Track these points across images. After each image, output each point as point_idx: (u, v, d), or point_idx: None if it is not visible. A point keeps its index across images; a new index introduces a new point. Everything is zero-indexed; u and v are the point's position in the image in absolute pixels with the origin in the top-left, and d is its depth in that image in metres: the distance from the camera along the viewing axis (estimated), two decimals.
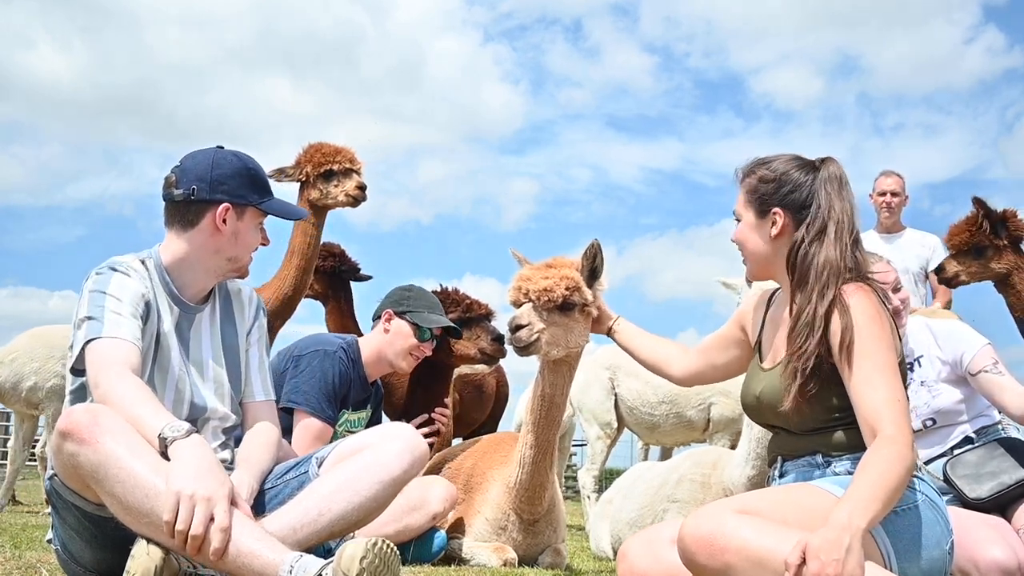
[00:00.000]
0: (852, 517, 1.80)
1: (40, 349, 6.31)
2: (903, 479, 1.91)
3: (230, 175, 2.43)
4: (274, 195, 2.56)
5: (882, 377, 2.04)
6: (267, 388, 2.60)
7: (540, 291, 2.91)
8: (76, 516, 2.21)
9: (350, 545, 1.87)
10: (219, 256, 2.45)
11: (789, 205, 2.26)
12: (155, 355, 2.37)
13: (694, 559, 1.89)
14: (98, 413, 2.02)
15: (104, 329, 2.19)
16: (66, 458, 2.03)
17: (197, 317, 2.49)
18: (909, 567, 1.99)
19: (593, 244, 3.01)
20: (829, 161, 2.31)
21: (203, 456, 1.97)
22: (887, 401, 2.01)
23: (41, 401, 6.31)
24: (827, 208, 2.22)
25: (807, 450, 2.22)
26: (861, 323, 2.09)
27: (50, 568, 2.56)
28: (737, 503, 1.98)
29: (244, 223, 2.46)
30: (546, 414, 3.12)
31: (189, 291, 2.47)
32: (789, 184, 2.27)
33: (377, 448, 2.31)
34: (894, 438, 1.95)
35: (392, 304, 3.66)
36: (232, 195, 2.42)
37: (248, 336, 2.60)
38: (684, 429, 6.40)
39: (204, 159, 2.45)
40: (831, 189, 2.24)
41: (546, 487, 3.32)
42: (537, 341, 2.91)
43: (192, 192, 2.41)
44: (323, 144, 4.41)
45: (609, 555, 4.15)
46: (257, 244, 2.53)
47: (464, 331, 3.85)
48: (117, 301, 2.25)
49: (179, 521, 1.88)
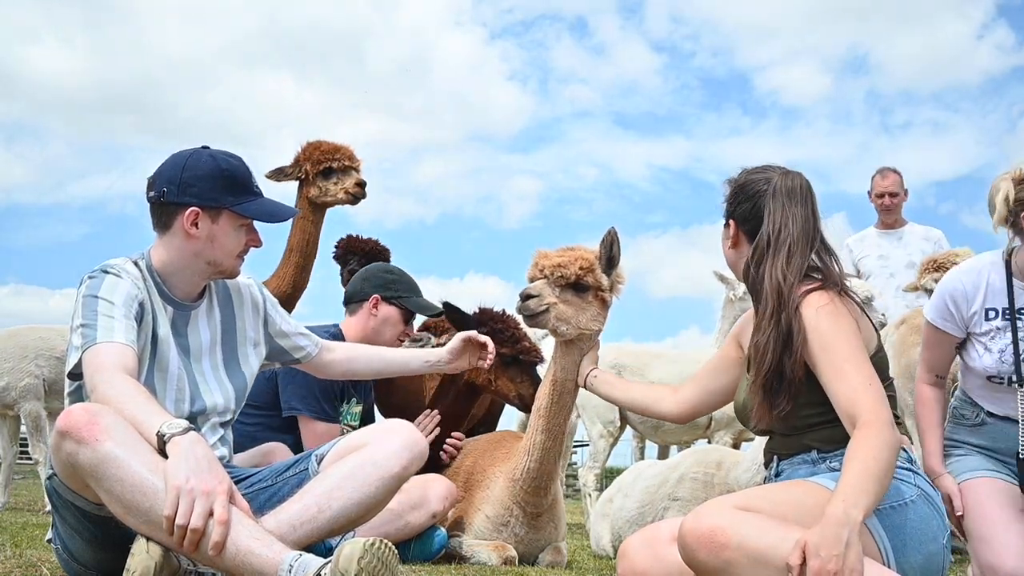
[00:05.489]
0: (847, 510, 1.80)
1: (12, 349, 6.35)
2: (890, 462, 1.92)
3: (201, 177, 2.39)
4: (260, 196, 2.50)
5: (849, 365, 2.06)
6: (316, 339, 2.85)
7: (554, 266, 2.97)
8: (76, 515, 2.21)
9: (348, 545, 1.87)
10: (199, 259, 2.43)
11: (738, 216, 2.33)
12: (153, 356, 2.37)
13: (694, 556, 1.89)
14: (96, 412, 2.02)
15: (98, 335, 2.19)
16: (65, 457, 2.03)
17: (192, 314, 2.49)
18: (907, 562, 2.00)
19: (610, 232, 3.04)
20: (787, 175, 2.30)
21: (201, 452, 1.97)
22: (858, 388, 2.02)
23: (15, 401, 6.35)
24: (770, 224, 2.23)
25: (800, 448, 2.23)
26: (816, 322, 2.11)
27: (51, 567, 2.56)
28: (737, 500, 1.98)
29: (220, 226, 2.41)
30: (558, 399, 3.13)
31: (179, 291, 2.46)
32: (742, 195, 2.32)
33: (376, 445, 2.32)
34: (871, 423, 1.96)
35: (379, 289, 3.63)
36: (202, 198, 2.38)
37: (264, 316, 2.68)
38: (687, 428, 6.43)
39: (177, 161, 2.42)
40: (776, 204, 2.25)
41: (553, 477, 3.32)
42: (546, 313, 2.93)
43: (162, 195, 2.39)
44: (322, 142, 4.41)
45: (609, 553, 4.15)
46: (240, 247, 2.47)
47: (511, 368, 3.68)
48: (109, 304, 2.25)
49: (179, 515, 1.88)
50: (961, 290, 2.82)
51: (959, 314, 2.82)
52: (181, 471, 1.91)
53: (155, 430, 2.01)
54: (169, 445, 1.98)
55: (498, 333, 3.73)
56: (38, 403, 6.41)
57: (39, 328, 6.63)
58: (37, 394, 6.38)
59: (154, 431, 2.01)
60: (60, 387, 6.49)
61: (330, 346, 2.94)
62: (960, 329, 2.83)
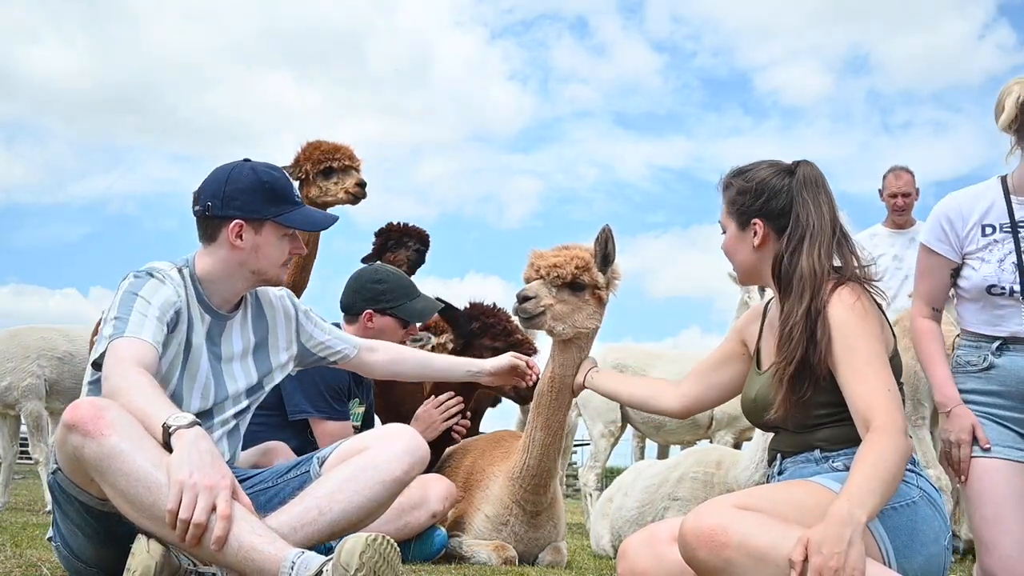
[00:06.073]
0: (851, 510, 1.81)
1: (15, 349, 6.40)
2: (899, 468, 1.93)
3: (243, 190, 2.45)
4: (301, 205, 2.57)
5: (871, 369, 2.06)
6: (355, 340, 2.94)
7: (550, 266, 2.97)
8: (78, 511, 2.22)
9: (350, 539, 1.88)
10: (244, 269, 2.49)
11: (767, 214, 2.30)
12: (185, 361, 2.42)
13: (695, 554, 1.89)
14: (103, 407, 2.03)
15: (128, 329, 2.24)
16: (70, 450, 2.04)
17: (228, 324, 2.55)
18: (908, 564, 2.00)
19: (604, 230, 3.04)
20: (804, 164, 2.33)
21: (205, 447, 1.98)
22: (877, 392, 2.03)
23: (17, 401, 6.39)
24: (804, 215, 2.25)
25: (805, 446, 2.23)
26: (843, 319, 2.11)
27: (51, 567, 2.56)
28: (738, 499, 1.98)
29: (263, 237, 2.48)
30: (556, 395, 3.13)
31: (218, 299, 2.52)
32: (766, 193, 2.30)
33: (378, 449, 2.33)
34: (885, 428, 1.96)
35: (370, 303, 3.59)
36: (245, 210, 2.45)
37: (296, 325, 2.74)
38: (689, 427, 6.44)
39: (220, 175, 2.49)
40: (808, 194, 2.27)
41: (553, 474, 3.32)
42: (543, 314, 2.94)
43: (207, 208, 2.46)
44: (322, 142, 4.42)
45: (609, 553, 4.15)
46: (283, 256, 2.54)
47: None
48: (146, 303, 2.30)
49: (181, 510, 1.89)
50: (956, 208, 2.78)
51: (953, 232, 2.77)
52: (185, 466, 1.92)
53: (161, 422, 2.02)
54: (174, 438, 1.98)
55: (490, 327, 3.76)
56: (39, 403, 6.43)
57: (41, 328, 6.67)
58: (39, 394, 6.41)
59: (160, 423, 2.02)
60: (61, 387, 6.53)
61: (372, 346, 3.01)
62: (955, 251, 2.78)
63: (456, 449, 3.95)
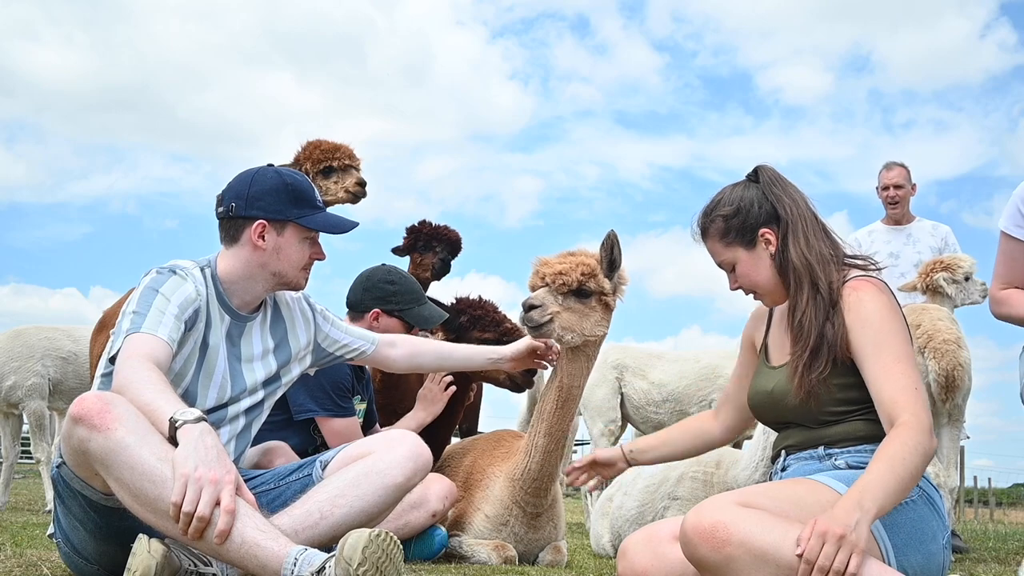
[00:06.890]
0: (861, 500, 1.82)
1: (19, 349, 6.41)
2: (919, 468, 1.92)
3: (267, 191, 2.48)
4: (323, 209, 2.59)
5: (900, 366, 2.06)
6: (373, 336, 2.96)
7: (555, 274, 2.94)
8: (82, 505, 2.22)
9: (353, 535, 1.89)
10: (264, 271, 2.52)
11: (767, 220, 2.30)
12: (201, 360, 2.43)
13: (696, 552, 1.89)
14: (109, 400, 2.04)
15: (145, 324, 2.27)
16: (76, 444, 2.05)
17: (248, 326, 2.57)
18: (907, 561, 2.00)
19: (610, 235, 3.01)
20: (761, 168, 2.36)
21: (211, 442, 1.98)
22: (905, 389, 2.02)
23: (21, 400, 6.40)
24: (783, 210, 2.28)
25: (812, 443, 2.23)
26: (876, 316, 2.11)
27: (51, 566, 2.56)
28: (740, 496, 1.98)
29: (286, 238, 2.51)
30: (562, 404, 3.11)
31: (238, 300, 2.53)
32: (752, 204, 2.31)
33: (381, 454, 2.34)
34: (910, 425, 1.96)
35: (379, 303, 3.62)
36: (268, 211, 2.48)
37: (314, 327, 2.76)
38: None
39: (244, 178, 2.53)
40: (778, 190, 2.30)
41: (553, 478, 3.32)
42: (550, 323, 2.92)
43: (231, 209, 2.49)
44: (322, 141, 4.41)
45: (609, 553, 4.15)
46: (304, 259, 2.56)
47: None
48: (166, 301, 2.33)
49: (185, 503, 1.89)
50: None
51: None
52: (190, 460, 1.93)
53: (168, 416, 2.03)
54: (180, 432, 1.99)
55: (478, 319, 3.77)
56: (42, 402, 6.45)
57: (45, 328, 6.68)
58: (42, 393, 6.42)
59: (166, 417, 2.03)
60: (65, 387, 6.55)
61: (391, 340, 3.03)
62: None
63: (456, 449, 3.95)
